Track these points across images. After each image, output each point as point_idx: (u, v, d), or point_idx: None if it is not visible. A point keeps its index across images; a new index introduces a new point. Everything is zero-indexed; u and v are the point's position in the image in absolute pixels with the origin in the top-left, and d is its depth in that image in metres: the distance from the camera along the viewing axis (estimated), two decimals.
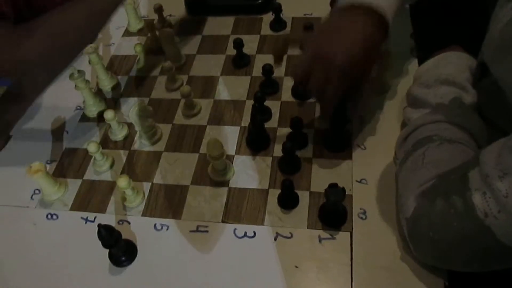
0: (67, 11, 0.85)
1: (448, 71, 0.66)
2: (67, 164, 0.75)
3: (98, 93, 0.85)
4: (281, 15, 0.92)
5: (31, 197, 0.71)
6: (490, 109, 0.64)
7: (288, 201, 0.65)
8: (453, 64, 0.68)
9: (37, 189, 0.72)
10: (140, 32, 0.98)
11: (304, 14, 0.95)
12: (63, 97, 0.86)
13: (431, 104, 0.63)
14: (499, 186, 0.44)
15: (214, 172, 0.69)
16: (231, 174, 0.69)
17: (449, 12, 1.02)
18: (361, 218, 0.63)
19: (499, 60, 0.60)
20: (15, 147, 0.79)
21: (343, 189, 0.58)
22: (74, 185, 0.72)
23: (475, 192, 0.46)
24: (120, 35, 0.98)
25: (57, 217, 0.68)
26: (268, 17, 0.95)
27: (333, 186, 0.58)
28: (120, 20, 1.00)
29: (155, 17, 0.97)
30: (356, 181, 0.67)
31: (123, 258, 0.62)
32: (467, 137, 0.58)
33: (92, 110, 0.82)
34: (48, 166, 0.74)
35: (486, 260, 0.49)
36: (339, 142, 0.71)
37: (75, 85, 0.78)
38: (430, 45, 0.80)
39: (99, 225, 0.57)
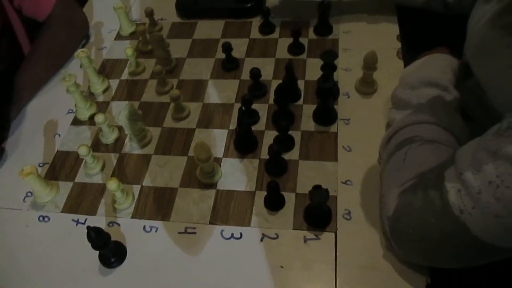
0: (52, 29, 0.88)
1: (432, 73, 0.67)
2: (59, 166, 0.76)
3: (90, 96, 0.87)
4: (270, 18, 0.93)
5: (24, 199, 0.73)
6: (475, 109, 0.66)
7: (274, 203, 0.66)
8: (437, 66, 0.69)
9: (30, 192, 0.73)
10: (131, 35, 0.99)
11: (293, 18, 0.96)
12: (55, 100, 0.88)
13: (414, 105, 0.64)
14: (473, 183, 0.45)
15: (202, 174, 0.70)
16: (219, 177, 0.71)
17: (436, 14, 1.03)
18: (346, 218, 0.64)
19: (478, 60, 0.62)
20: (8, 150, 0.80)
21: (327, 191, 0.59)
22: (65, 187, 0.73)
23: (451, 190, 0.48)
24: (112, 39, 0.99)
25: (49, 219, 0.70)
26: (258, 20, 0.97)
27: (317, 188, 0.59)
28: (112, 24, 1.02)
29: (146, 20, 0.98)
30: (341, 182, 0.68)
31: (113, 259, 0.63)
32: (448, 138, 0.60)
33: (84, 113, 0.83)
34: (40, 169, 0.76)
35: (465, 256, 0.51)
36: (327, 115, 0.74)
37: (66, 89, 0.79)
38: (416, 47, 0.81)
39: (88, 228, 0.58)
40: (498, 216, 0.44)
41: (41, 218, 0.70)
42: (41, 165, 0.77)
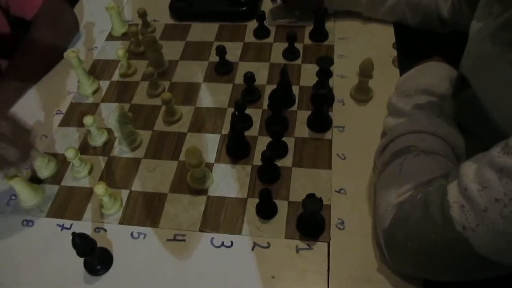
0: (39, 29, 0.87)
1: (428, 81, 0.67)
2: None
3: (79, 97, 0.85)
4: (265, 22, 0.92)
5: (7, 202, 0.70)
6: (470, 121, 0.65)
7: (266, 211, 0.65)
8: (433, 74, 0.68)
9: (13, 195, 0.71)
10: (123, 36, 0.97)
11: (288, 22, 0.95)
12: (43, 101, 0.85)
13: (410, 114, 0.63)
14: (478, 199, 0.44)
15: (193, 180, 0.68)
16: (210, 183, 0.69)
17: None
18: (339, 228, 0.63)
19: (478, 75, 0.61)
20: None
21: (321, 200, 0.58)
22: (51, 191, 0.71)
23: (454, 205, 0.46)
24: (104, 39, 0.97)
25: (33, 223, 0.67)
26: (253, 24, 0.95)
27: (310, 196, 0.58)
28: (104, 24, 1.00)
29: (139, 21, 0.96)
30: (335, 191, 0.67)
31: (99, 267, 0.61)
32: (445, 148, 0.59)
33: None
34: (25, 172, 0.73)
35: (463, 270, 0.50)
36: (322, 121, 0.73)
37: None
38: (412, 55, 0.81)
39: (74, 234, 0.56)
40: (504, 234, 0.42)
41: (24, 223, 0.68)
42: (26, 168, 0.74)
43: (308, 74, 0.83)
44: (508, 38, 0.54)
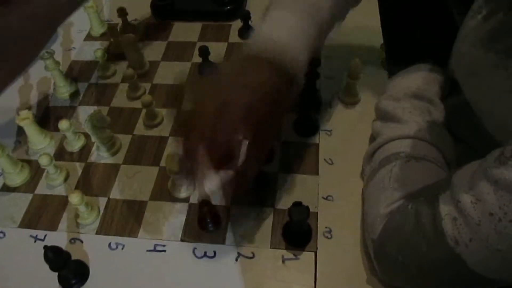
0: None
1: (417, 84, 0.65)
2: None
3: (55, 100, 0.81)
4: (250, 22, 0.89)
5: None
6: (459, 126, 0.63)
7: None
8: (423, 77, 0.66)
9: None
10: (103, 36, 0.94)
11: None
12: (17, 104, 0.82)
13: (399, 118, 0.61)
14: (471, 213, 0.41)
15: (174, 187, 0.65)
16: (191, 190, 0.66)
17: (420, 24, 1.01)
18: (327, 237, 0.60)
19: (470, 82, 0.59)
20: None
21: (307, 208, 0.55)
22: (24, 200, 0.67)
23: (446, 217, 0.44)
24: (82, 39, 0.94)
25: (4, 235, 0.64)
26: (237, 24, 0.92)
27: (297, 205, 0.56)
28: (82, 23, 0.96)
29: (119, 21, 0.93)
30: (323, 197, 0.64)
31: (74, 281, 0.58)
32: (435, 153, 0.57)
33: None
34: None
35: (456, 285, 0.48)
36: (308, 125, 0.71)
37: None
38: (400, 57, 0.79)
39: (45, 247, 0.53)
40: (498, 250, 0.40)
41: None
42: None
43: None
44: (504, 44, 0.52)
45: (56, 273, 0.57)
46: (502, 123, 0.51)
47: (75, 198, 0.60)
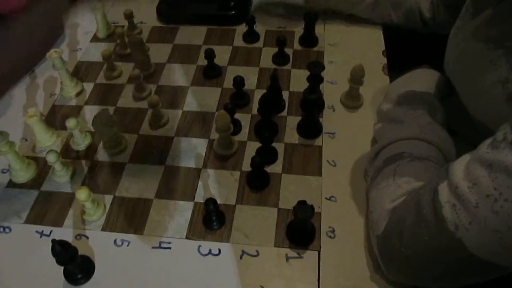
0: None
1: (417, 88, 0.67)
2: None
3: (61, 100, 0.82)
4: (254, 27, 0.91)
5: None
6: (460, 125, 0.65)
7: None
8: (422, 81, 0.68)
9: None
10: (109, 38, 0.95)
11: (278, 27, 0.94)
12: (24, 102, 0.83)
13: (400, 120, 0.63)
14: (469, 196, 0.43)
15: (219, 146, 0.70)
16: (235, 149, 0.71)
17: (422, 32, 1.03)
18: (330, 236, 0.61)
19: (459, 75, 0.62)
20: None
21: (312, 207, 0.56)
22: (30, 196, 0.68)
23: (445, 205, 0.45)
24: (88, 41, 0.95)
25: (10, 230, 0.64)
26: (242, 28, 0.94)
27: (301, 203, 0.57)
28: (89, 25, 0.97)
29: (125, 23, 0.94)
30: (326, 198, 0.65)
31: (79, 276, 0.58)
32: (437, 154, 0.58)
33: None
34: (3, 175, 0.71)
35: (458, 274, 0.49)
36: (312, 127, 0.73)
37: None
38: (401, 62, 0.80)
39: (53, 241, 0.53)
40: (496, 231, 0.41)
41: (1, 229, 0.64)
42: (4, 171, 0.71)
43: (298, 80, 0.82)
44: (490, 36, 0.54)
45: (62, 268, 0.58)
46: (492, 111, 0.53)
47: (82, 194, 0.60)
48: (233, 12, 0.95)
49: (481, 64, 0.55)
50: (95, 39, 0.95)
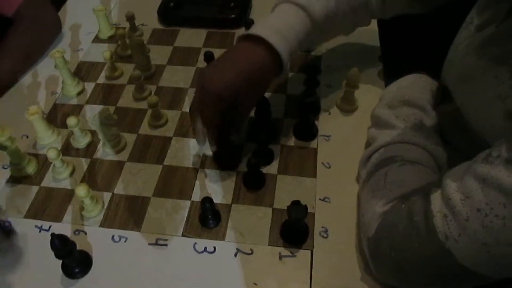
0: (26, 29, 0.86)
1: (411, 93, 0.68)
2: None
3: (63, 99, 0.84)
4: None
5: None
6: (451, 132, 0.66)
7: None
8: (416, 86, 0.70)
9: None
10: (110, 39, 0.97)
11: None
12: (25, 100, 0.84)
13: (393, 125, 0.64)
14: (460, 209, 0.44)
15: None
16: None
17: (416, 37, 1.05)
18: (323, 236, 0.63)
19: (462, 88, 0.62)
20: None
21: (306, 207, 0.57)
22: (31, 191, 0.69)
23: (437, 214, 0.46)
24: (90, 41, 0.96)
25: (10, 224, 0.65)
26: (241, 32, 0.95)
27: (295, 203, 0.58)
28: (90, 26, 0.99)
29: (126, 25, 0.96)
30: (320, 199, 0.67)
31: (77, 270, 0.60)
32: (428, 158, 0.59)
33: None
34: (5, 171, 0.72)
35: (447, 281, 0.50)
36: (308, 130, 0.75)
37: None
38: (396, 67, 0.82)
39: (53, 235, 0.55)
40: (484, 244, 0.42)
41: (1, 223, 0.66)
42: (5, 167, 0.73)
43: (295, 83, 0.83)
44: (495, 52, 0.55)
45: (60, 262, 0.59)
46: (489, 125, 0.54)
47: (81, 191, 0.62)
48: (232, 15, 0.97)
49: (484, 79, 0.56)
50: (96, 39, 0.97)
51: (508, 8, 0.53)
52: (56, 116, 0.81)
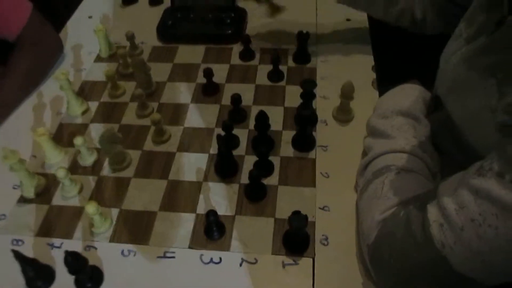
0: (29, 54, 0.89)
1: (404, 103, 0.70)
2: None
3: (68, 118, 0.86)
4: (250, 46, 0.96)
5: None
6: (444, 140, 0.68)
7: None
8: (408, 96, 0.72)
9: (3, 214, 0.72)
10: (111, 57, 1.00)
11: (272, 46, 0.99)
12: (32, 121, 0.87)
13: (388, 134, 0.67)
14: (455, 219, 0.46)
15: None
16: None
17: (408, 47, 1.08)
18: (323, 244, 0.65)
19: (453, 98, 0.65)
20: None
21: (306, 216, 0.60)
22: (41, 210, 0.72)
23: (433, 224, 0.49)
24: (92, 61, 0.99)
25: (23, 242, 0.68)
26: (238, 47, 0.99)
27: (296, 213, 0.61)
28: (91, 45, 1.02)
29: (126, 43, 0.99)
30: (319, 208, 0.69)
31: (89, 285, 0.62)
32: (422, 166, 0.62)
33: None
34: (15, 191, 0.75)
35: (442, 286, 0.52)
36: (306, 141, 0.78)
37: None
38: (390, 77, 0.85)
39: (66, 252, 0.57)
40: (479, 252, 0.45)
41: (14, 242, 0.68)
42: (15, 187, 0.75)
43: (293, 96, 0.86)
44: (484, 64, 0.57)
45: (72, 277, 0.62)
46: (480, 134, 0.56)
47: (91, 208, 0.64)
48: (229, 31, 1.00)
49: (473, 91, 0.58)
50: (98, 59, 1.00)
51: (496, 20, 0.56)
52: (62, 136, 0.84)
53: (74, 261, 0.58)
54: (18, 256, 0.59)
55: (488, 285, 0.49)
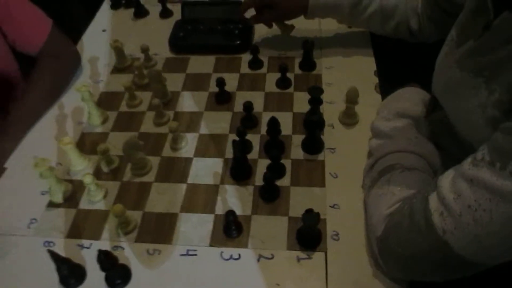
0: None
1: (405, 105, 0.75)
2: None
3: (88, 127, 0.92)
4: (258, 55, 1.01)
5: (28, 226, 0.76)
6: (444, 139, 0.73)
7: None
8: (409, 98, 0.77)
9: (34, 218, 0.77)
10: (127, 69, 1.05)
11: (279, 54, 1.04)
12: (55, 131, 0.92)
13: (391, 136, 0.72)
14: (454, 206, 0.52)
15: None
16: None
17: (407, 52, 1.12)
18: (334, 239, 0.70)
19: (447, 98, 0.69)
20: (11, 178, 0.84)
21: (318, 214, 0.65)
22: (69, 214, 0.77)
23: (434, 212, 0.54)
24: (109, 72, 1.05)
25: (54, 244, 0.73)
26: (247, 56, 1.04)
27: (309, 211, 0.66)
28: (107, 57, 1.07)
29: (141, 55, 1.04)
30: (329, 206, 0.74)
31: (119, 281, 0.67)
32: (424, 164, 0.67)
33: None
34: (43, 197, 0.80)
35: (447, 270, 0.57)
36: (315, 144, 0.82)
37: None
38: (392, 81, 0.89)
39: (99, 250, 0.63)
40: (476, 235, 0.50)
41: (46, 243, 0.73)
42: (44, 193, 0.80)
43: (300, 102, 0.91)
44: (472, 65, 0.62)
45: (102, 275, 0.67)
46: (474, 130, 0.61)
47: (117, 210, 0.69)
48: (238, 42, 1.05)
49: (465, 90, 0.62)
50: (114, 70, 1.05)
51: (483, 25, 0.60)
52: (84, 144, 0.89)
53: (107, 259, 0.63)
54: (54, 255, 0.64)
55: (488, 266, 0.54)
